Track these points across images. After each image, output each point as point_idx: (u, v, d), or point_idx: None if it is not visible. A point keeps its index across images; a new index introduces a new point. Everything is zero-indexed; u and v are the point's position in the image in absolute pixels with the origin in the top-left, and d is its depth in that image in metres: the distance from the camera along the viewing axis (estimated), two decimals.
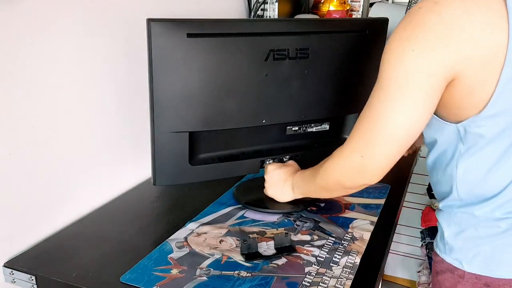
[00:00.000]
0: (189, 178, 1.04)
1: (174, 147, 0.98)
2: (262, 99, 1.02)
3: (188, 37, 0.88)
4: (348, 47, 1.05)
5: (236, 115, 1.01)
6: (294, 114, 1.09)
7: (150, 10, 1.22)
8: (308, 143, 1.19)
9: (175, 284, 0.85)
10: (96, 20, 1.08)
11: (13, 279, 0.92)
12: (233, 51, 0.94)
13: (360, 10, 1.97)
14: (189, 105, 0.95)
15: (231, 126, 1.02)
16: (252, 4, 1.75)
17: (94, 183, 1.15)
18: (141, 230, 1.05)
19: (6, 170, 0.92)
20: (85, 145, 1.10)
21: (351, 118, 1.20)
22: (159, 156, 0.98)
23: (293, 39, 0.98)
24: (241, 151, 1.12)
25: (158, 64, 0.90)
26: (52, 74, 0.99)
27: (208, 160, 1.07)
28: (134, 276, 0.87)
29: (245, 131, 1.08)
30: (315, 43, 1.00)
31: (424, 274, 1.97)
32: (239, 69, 0.96)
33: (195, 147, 1.02)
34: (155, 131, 0.96)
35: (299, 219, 1.08)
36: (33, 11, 0.92)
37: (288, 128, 1.12)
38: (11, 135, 0.92)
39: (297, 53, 0.99)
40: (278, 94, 1.03)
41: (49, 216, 1.03)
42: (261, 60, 0.96)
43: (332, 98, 1.11)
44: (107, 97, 1.15)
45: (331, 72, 1.07)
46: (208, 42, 0.91)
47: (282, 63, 0.98)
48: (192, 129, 0.98)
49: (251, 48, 0.96)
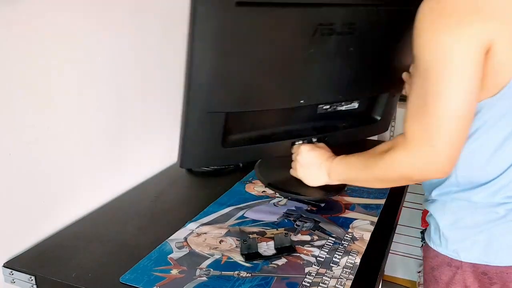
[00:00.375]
0: (219, 161, 0.98)
1: (208, 129, 0.93)
2: (304, 78, 0.96)
3: (237, 6, 0.80)
4: (394, 23, 1.00)
5: (275, 95, 0.96)
6: (333, 94, 1.03)
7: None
8: (337, 124, 1.14)
9: (174, 285, 0.85)
10: (96, 19, 1.08)
11: (12, 279, 0.92)
12: (283, 24, 0.87)
13: None
14: (228, 83, 0.88)
15: (270, 106, 0.98)
16: None
17: (94, 183, 1.15)
18: (140, 230, 1.05)
19: (6, 170, 0.92)
20: (85, 145, 1.10)
21: (381, 96, 1.16)
22: (190, 138, 0.92)
23: (342, 13, 0.91)
24: (272, 131, 1.06)
25: (201, 36, 0.81)
26: (52, 74, 0.98)
27: (239, 142, 1.01)
28: (134, 277, 0.87)
29: (278, 111, 1.03)
30: (364, 16, 0.95)
31: None
32: (285, 44, 0.89)
33: (226, 129, 0.97)
34: (189, 111, 0.89)
35: (299, 219, 1.08)
36: (33, 11, 0.92)
37: (319, 106, 1.06)
38: (11, 135, 0.92)
39: (344, 29, 0.93)
40: (320, 73, 0.97)
41: (48, 216, 1.03)
42: (309, 35, 0.89)
43: (372, 77, 1.07)
44: (107, 96, 1.15)
45: (374, 50, 1.02)
46: (258, 12, 0.83)
47: (328, 39, 0.92)
48: (230, 109, 0.92)
49: (301, 21, 0.89)
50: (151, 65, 1.29)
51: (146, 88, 1.29)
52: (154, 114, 1.33)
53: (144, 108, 1.29)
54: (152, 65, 1.30)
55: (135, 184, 1.29)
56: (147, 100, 1.30)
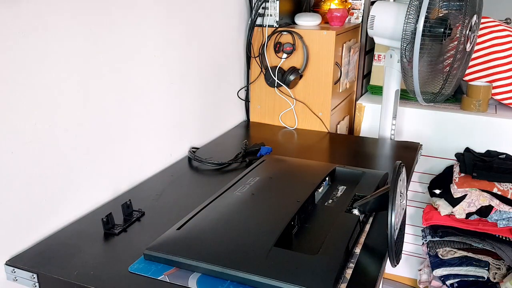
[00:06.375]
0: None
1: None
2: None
3: None
4: None
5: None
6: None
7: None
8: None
9: (182, 273, 0.87)
10: (96, 18, 1.08)
11: (15, 277, 0.93)
12: None
13: (361, 8, 1.97)
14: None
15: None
16: (253, 3, 1.75)
17: (95, 180, 1.15)
18: (143, 228, 1.06)
19: (8, 168, 0.92)
20: (86, 143, 1.11)
21: None
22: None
23: None
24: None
25: None
26: (53, 72, 0.99)
27: None
28: (142, 266, 0.90)
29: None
30: None
31: (425, 273, 1.97)
32: None
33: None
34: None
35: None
36: (33, 11, 0.92)
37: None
38: (13, 133, 0.92)
39: None
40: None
41: (50, 214, 1.04)
42: None
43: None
44: (108, 96, 1.15)
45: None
46: None
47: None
48: None
49: None
50: (151, 65, 1.30)
51: (146, 87, 1.29)
52: (155, 113, 1.34)
53: (145, 107, 1.30)
54: (152, 65, 1.30)
55: (137, 182, 1.30)
56: (147, 99, 1.30)
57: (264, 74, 1.78)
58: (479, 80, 1.96)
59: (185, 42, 1.42)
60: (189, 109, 1.50)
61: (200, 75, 1.53)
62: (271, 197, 1.10)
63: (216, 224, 0.98)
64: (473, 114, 1.89)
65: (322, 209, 1.09)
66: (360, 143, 1.68)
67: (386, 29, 1.56)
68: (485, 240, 1.74)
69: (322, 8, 1.94)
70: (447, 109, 1.95)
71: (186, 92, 1.47)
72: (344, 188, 1.19)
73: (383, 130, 1.72)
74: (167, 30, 1.33)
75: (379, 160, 1.51)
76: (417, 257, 2.16)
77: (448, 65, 1.50)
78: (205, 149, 1.56)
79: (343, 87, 1.83)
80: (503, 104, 1.99)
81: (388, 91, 1.68)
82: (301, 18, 1.80)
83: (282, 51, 1.72)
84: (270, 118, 1.84)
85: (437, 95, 1.56)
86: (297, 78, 1.72)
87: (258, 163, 1.32)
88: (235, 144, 1.61)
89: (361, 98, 2.11)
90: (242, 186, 1.15)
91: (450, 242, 1.79)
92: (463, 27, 1.44)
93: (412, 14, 1.41)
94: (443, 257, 1.80)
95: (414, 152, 1.54)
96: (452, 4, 1.44)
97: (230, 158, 1.45)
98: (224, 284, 0.84)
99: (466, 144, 1.92)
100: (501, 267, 1.73)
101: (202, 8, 1.49)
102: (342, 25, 1.80)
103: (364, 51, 2.04)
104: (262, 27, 1.75)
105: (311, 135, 1.72)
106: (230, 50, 1.71)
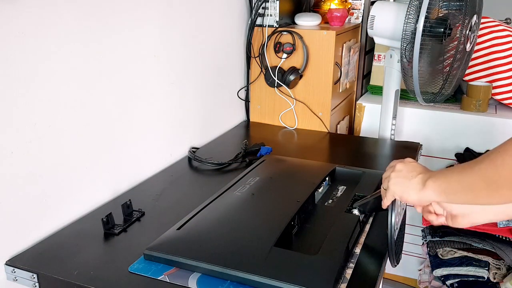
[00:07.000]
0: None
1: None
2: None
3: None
4: None
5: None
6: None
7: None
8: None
9: (182, 273, 0.87)
10: (96, 18, 1.08)
11: (15, 277, 0.93)
12: None
13: (361, 8, 1.97)
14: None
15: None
16: (253, 3, 1.75)
17: (95, 180, 1.15)
18: (143, 228, 1.06)
19: (8, 168, 0.92)
20: (86, 143, 1.11)
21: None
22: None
23: None
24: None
25: None
26: (53, 72, 0.99)
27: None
28: (142, 266, 0.90)
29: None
30: None
31: (425, 273, 1.97)
32: None
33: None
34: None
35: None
36: (33, 11, 0.92)
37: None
38: (13, 133, 0.92)
39: None
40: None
41: (50, 214, 1.04)
42: None
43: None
44: (107, 96, 1.15)
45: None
46: None
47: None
48: None
49: None
50: (151, 65, 1.30)
51: (146, 87, 1.29)
52: (155, 113, 1.34)
53: (145, 107, 1.30)
54: (152, 65, 1.30)
55: (137, 182, 1.30)
56: (147, 99, 1.30)
57: (264, 74, 1.78)
58: (479, 80, 1.96)
59: (185, 42, 1.42)
60: (189, 109, 1.50)
61: (200, 75, 1.53)
62: (271, 197, 1.10)
63: (216, 224, 0.98)
64: (473, 114, 1.89)
65: (322, 209, 1.10)
66: (360, 143, 1.68)
67: (386, 29, 1.56)
68: (485, 240, 1.74)
69: (322, 8, 1.94)
70: (447, 109, 1.95)
71: (186, 92, 1.47)
72: (344, 188, 1.19)
73: (383, 130, 1.72)
74: (167, 30, 1.33)
75: (379, 160, 1.51)
76: (417, 257, 2.16)
77: (448, 65, 1.50)
78: (205, 149, 1.56)
79: (343, 87, 1.83)
80: (503, 104, 1.98)
81: (388, 91, 1.68)
82: (301, 18, 1.80)
83: (282, 51, 1.72)
84: (270, 118, 1.84)
85: (437, 95, 1.56)
86: (297, 78, 1.72)
87: (258, 163, 1.32)
88: (235, 144, 1.61)
89: (361, 98, 2.11)
90: (242, 186, 1.15)
91: (450, 242, 1.79)
92: (463, 27, 1.44)
93: (412, 14, 1.41)
94: (443, 257, 1.80)
95: (414, 152, 1.54)
96: (452, 4, 1.44)
97: (230, 158, 1.45)
98: (224, 284, 0.84)
99: (466, 144, 1.92)
100: (501, 267, 1.73)
101: (202, 8, 1.49)
102: (342, 25, 1.80)
103: (364, 51, 2.03)
104: (262, 27, 1.75)
105: (311, 135, 1.72)
106: (230, 50, 1.71)
